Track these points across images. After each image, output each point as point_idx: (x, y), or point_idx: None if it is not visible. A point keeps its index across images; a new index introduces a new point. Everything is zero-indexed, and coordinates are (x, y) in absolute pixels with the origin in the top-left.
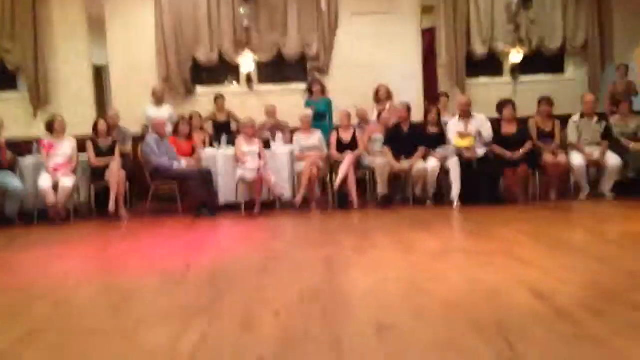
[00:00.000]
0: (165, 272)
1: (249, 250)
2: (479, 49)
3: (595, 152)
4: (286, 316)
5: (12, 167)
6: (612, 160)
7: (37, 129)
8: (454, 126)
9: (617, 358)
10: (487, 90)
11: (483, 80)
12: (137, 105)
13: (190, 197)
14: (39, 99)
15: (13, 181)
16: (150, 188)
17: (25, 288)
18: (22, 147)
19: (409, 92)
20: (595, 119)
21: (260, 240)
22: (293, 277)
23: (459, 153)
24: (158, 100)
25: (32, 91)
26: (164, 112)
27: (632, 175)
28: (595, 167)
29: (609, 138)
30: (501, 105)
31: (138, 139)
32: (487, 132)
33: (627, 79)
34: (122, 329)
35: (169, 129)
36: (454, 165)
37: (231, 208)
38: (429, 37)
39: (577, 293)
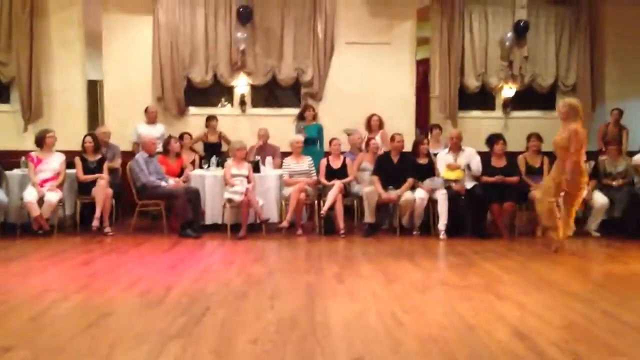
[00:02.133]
0: (144, 292)
1: (230, 274)
2: (472, 83)
3: None
4: (263, 345)
5: None
6: (600, 199)
7: (28, 142)
8: (443, 158)
9: None
10: (479, 124)
11: (475, 113)
12: (130, 122)
13: (175, 216)
14: (30, 112)
15: None
16: (137, 205)
17: (1, 302)
18: (9, 160)
19: (401, 121)
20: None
21: (243, 263)
22: (272, 304)
23: (447, 185)
24: (150, 118)
25: (24, 104)
26: (156, 131)
27: (618, 215)
28: (582, 206)
29: (596, 177)
30: (491, 140)
31: (128, 156)
32: (476, 165)
33: (620, 124)
34: (96, 350)
35: (159, 147)
36: (441, 197)
37: (217, 229)
38: (423, 68)
39: (555, 333)
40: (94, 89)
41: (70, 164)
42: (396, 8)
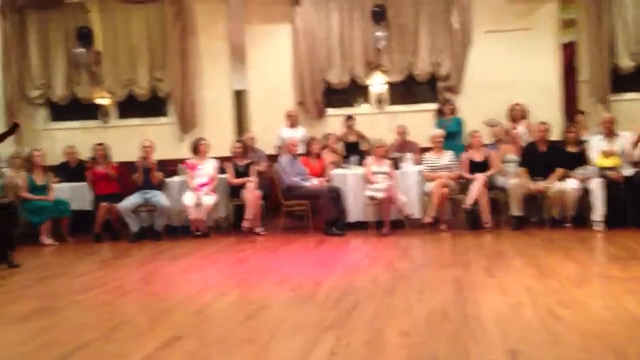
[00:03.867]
0: (296, 287)
1: (377, 269)
2: (626, 63)
3: None
4: (414, 337)
5: (161, 186)
6: None
7: (184, 151)
8: (597, 145)
9: None
10: (635, 107)
11: (630, 95)
12: (273, 127)
13: (320, 215)
14: (186, 123)
15: (161, 199)
16: (283, 206)
17: (169, 297)
18: (169, 168)
19: (547, 109)
20: None
21: (389, 259)
22: (421, 298)
23: (603, 173)
24: (292, 122)
25: (180, 116)
26: (297, 134)
27: None
28: None
29: None
30: None
31: (273, 160)
32: (636, 151)
33: None
34: (256, 339)
35: (301, 149)
36: (596, 186)
37: (360, 227)
38: (568, 52)
39: None
40: (239, 99)
41: (222, 169)
42: None
